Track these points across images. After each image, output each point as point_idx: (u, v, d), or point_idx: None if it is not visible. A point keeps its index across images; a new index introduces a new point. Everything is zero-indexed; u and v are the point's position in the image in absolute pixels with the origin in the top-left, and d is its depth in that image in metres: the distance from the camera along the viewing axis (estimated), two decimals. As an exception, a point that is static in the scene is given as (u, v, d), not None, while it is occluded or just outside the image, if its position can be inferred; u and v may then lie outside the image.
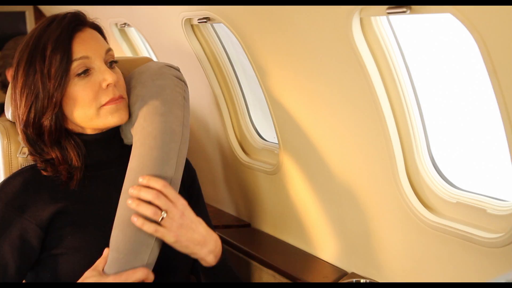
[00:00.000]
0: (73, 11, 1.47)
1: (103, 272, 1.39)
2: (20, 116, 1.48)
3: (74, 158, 1.49)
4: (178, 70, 1.60)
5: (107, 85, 1.44)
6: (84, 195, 1.51)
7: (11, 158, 1.69)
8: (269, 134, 2.08)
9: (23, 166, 1.64)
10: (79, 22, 1.46)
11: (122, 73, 1.54)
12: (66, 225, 1.47)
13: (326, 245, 1.76)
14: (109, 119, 1.46)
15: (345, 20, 1.30)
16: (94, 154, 1.53)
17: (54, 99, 1.43)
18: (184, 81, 1.57)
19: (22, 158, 1.68)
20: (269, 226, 2.03)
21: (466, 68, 1.40)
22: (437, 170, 1.43)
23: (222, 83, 2.08)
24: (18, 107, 1.47)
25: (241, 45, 1.75)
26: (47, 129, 1.46)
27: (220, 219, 2.18)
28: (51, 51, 1.42)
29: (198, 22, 1.90)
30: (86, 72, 1.44)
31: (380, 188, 1.49)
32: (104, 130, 1.52)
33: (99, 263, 1.40)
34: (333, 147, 1.60)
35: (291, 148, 1.78)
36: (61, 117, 1.46)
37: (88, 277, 1.37)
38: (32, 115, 1.45)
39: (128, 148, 1.57)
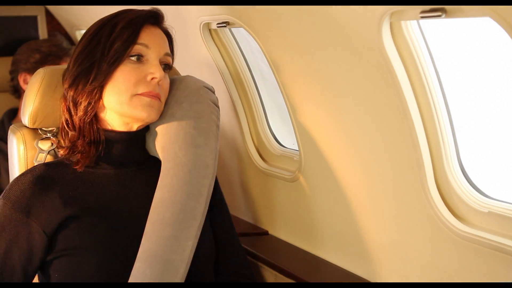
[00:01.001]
0: (155, 9, 1.52)
1: None
2: (68, 78, 1.49)
3: (91, 142, 1.49)
4: (214, 92, 1.60)
5: (152, 79, 1.45)
6: (97, 193, 1.49)
7: (27, 165, 1.66)
8: (288, 140, 2.05)
9: (39, 173, 1.62)
10: (155, 18, 1.51)
11: None
12: (75, 226, 1.45)
13: (348, 255, 1.72)
14: (138, 110, 1.45)
15: (375, 25, 1.26)
16: (114, 153, 1.52)
17: (105, 73, 1.44)
18: (218, 107, 1.58)
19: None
20: (287, 234, 1.99)
21: (496, 73, 1.37)
22: (467, 179, 1.39)
23: (240, 89, 2.05)
24: (70, 70, 1.49)
25: (262, 50, 1.71)
26: (84, 103, 1.46)
27: (237, 226, 2.12)
28: (121, 28, 1.45)
29: (217, 27, 1.87)
30: (139, 59, 1.46)
31: (408, 196, 1.45)
32: (129, 129, 1.50)
33: None
34: (357, 154, 1.57)
35: (313, 155, 1.74)
36: (100, 96, 1.46)
37: None
38: (78, 81, 1.46)
39: (150, 155, 1.55)
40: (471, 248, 1.32)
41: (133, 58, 1.45)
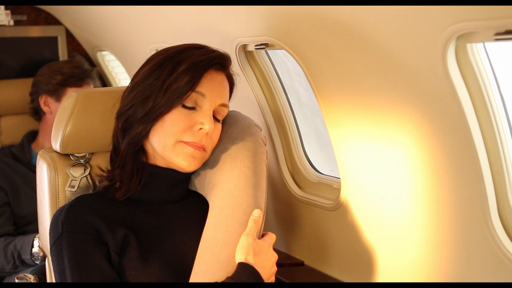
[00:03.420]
0: (224, 53, 1.46)
1: None
2: (122, 105, 1.45)
3: (132, 173, 1.44)
4: (261, 130, 1.57)
5: (200, 129, 1.39)
6: (138, 229, 1.42)
7: (58, 192, 1.59)
8: (325, 166, 1.97)
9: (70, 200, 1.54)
10: (222, 64, 1.45)
11: None
12: (115, 263, 1.37)
13: (397, 289, 1.62)
14: (179, 158, 1.40)
15: (440, 49, 1.18)
16: (158, 189, 1.46)
17: (157, 112, 1.38)
18: (265, 144, 1.54)
19: (70, 192, 1.58)
20: (325, 265, 1.90)
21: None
22: (533, 211, 1.30)
23: (275, 113, 1.97)
24: (125, 97, 1.45)
25: (305, 74, 1.64)
26: (132, 134, 1.41)
27: (271, 256, 2.05)
28: (184, 70, 1.38)
29: (255, 49, 1.79)
30: (192, 109, 1.40)
31: (468, 229, 1.36)
32: (171, 167, 1.44)
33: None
34: (408, 184, 1.48)
35: (356, 183, 1.66)
36: (147, 131, 1.41)
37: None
38: (130, 112, 1.42)
39: (192, 190, 1.49)
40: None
41: (187, 105, 1.40)
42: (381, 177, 1.57)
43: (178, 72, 1.38)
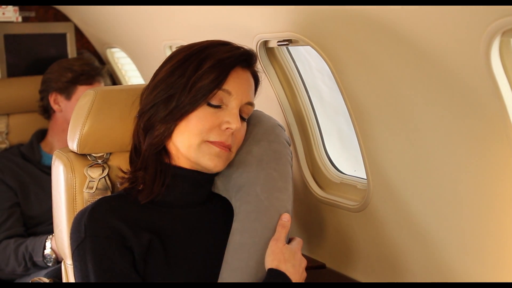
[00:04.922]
0: (250, 50, 1.41)
1: None
2: (143, 104, 1.40)
3: (154, 175, 1.39)
4: (285, 130, 1.52)
5: (226, 129, 1.33)
6: (160, 233, 1.37)
7: (75, 194, 1.53)
8: (347, 166, 1.91)
9: (89, 203, 1.48)
10: (248, 61, 1.40)
11: None
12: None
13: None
14: (205, 158, 1.34)
15: (484, 45, 1.12)
16: (181, 191, 1.41)
17: (182, 111, 1.33)
18: (290, 145, 1.49)
19: (88, 193, 1.52)
20: (348, 267, 1.84)
21: None
22: None
23: (296, 111, 1.92)
24: (147, 95, 1.39)
25: (331, 70, 1.58)
26: (155, 134, 1.36)
27: (291, 259, 1.99)
28: (209, 67, 1.32)
29: (278, 45, 1.73)
30: (218, 107, 1.35)
31: (503, 234, 1.30)
32: (195, 168, 1.38)
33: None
34: (444, 185, 1.42)
35: (384, 184, 1.60)
36: (171, 131, 1.35)
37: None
38: (152, 111, 1.36)
39: (214, 193, 1.44)
40: None
41: (213, 103, 1.35)
42: (411, 178, 1.51)
43: (204, 70, 1.33)
